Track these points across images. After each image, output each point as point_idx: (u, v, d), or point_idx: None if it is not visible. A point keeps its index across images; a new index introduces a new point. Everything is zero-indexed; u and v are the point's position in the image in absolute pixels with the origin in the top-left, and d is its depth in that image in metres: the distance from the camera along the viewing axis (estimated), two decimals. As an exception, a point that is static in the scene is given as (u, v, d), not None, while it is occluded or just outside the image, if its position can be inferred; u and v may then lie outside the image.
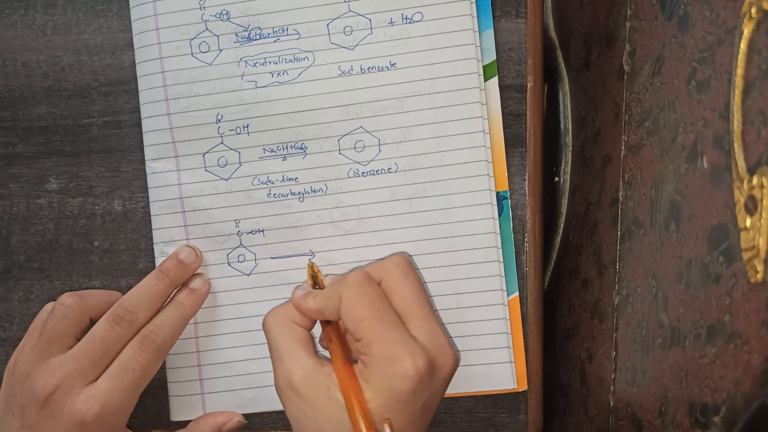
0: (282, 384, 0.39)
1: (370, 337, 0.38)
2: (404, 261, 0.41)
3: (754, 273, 0.26)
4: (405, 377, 0.37)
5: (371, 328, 0.38)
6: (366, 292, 0.39)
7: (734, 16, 0.29)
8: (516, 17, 0.46)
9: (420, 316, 0.39)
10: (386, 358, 0.37)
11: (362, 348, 0.38)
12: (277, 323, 0.41)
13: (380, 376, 0.38)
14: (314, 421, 0.38)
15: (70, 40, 0.47)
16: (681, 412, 0.33)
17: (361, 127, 0.45)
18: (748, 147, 0.27)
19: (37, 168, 0.47)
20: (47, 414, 0.40)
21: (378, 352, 0.38)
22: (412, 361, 0.37)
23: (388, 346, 0.38)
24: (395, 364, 0.37)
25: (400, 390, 0.37)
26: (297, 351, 0.40)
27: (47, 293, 0.47)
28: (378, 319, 0.38)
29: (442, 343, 0.39)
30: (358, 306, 0.39)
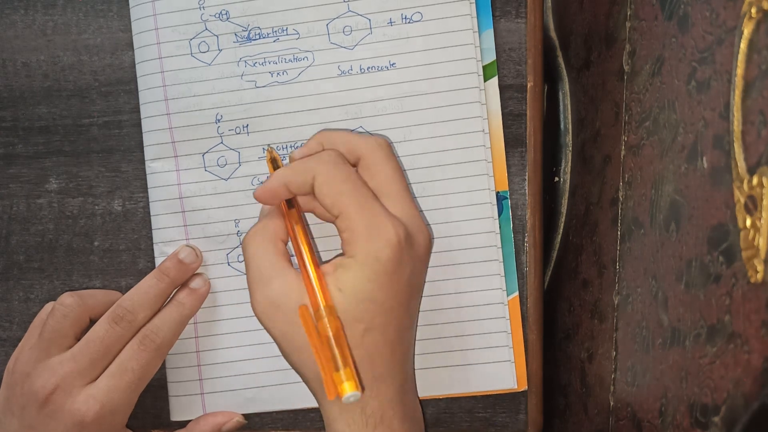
0: (262, 303, 0.38)
1: (351, 210, 0.38)
2: (384, 143, 0.41)
3: (754, 273, 0.26)
4: (389, 245, 0.37)
5: (351, 201, 0.38)
6: (342, 168, 0.39)
7: (734, 16, 0.29)
8: (516, 17, 0.46)
9: (397, 195, 0.40)
10: (369, 226, 0.37)
11: (342, 223, 0.38)
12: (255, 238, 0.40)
13: (364, 247, 0.37)
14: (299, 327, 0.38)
15: (70, 40, 0.47)
16: (681, 412, 0.33)
17: (360, 126, 0.45)
18: (748, 147, 0.27)
19: (37, 168, 0.47)
20: (47, 414, 0.40)
21: (360, 223, 0.38)
22: (393, 228, 0.38)
23: (369, 216, 0.38)
24: (379, 234, 0.37)
25: (385, 258, 0.37)
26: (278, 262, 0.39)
27: (47, 293, 0.47)
28: (357, 192, 0.38)
29: (418, 220, 0.40)
30: (337, 180, 0.38)
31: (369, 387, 0.38)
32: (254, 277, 0.39)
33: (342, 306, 0.37)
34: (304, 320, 0.37)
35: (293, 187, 0.39)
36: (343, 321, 0.37)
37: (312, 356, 0.38)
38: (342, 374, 0.36)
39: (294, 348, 0.38)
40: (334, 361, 0.36)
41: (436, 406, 0.46)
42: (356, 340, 0.37)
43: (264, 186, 0.40)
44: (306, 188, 0.39)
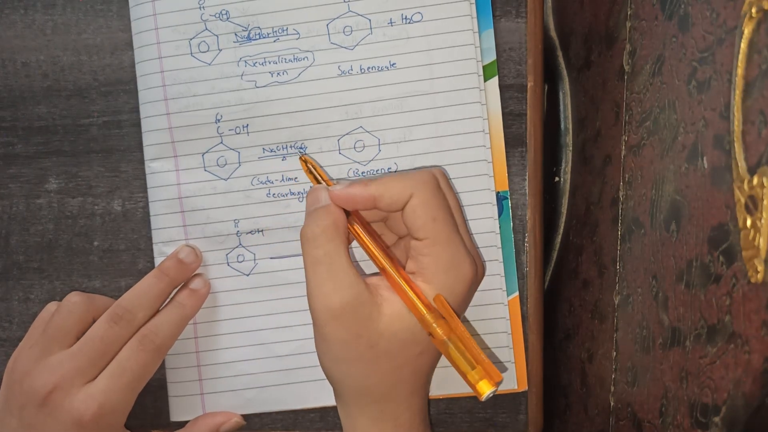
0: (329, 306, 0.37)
1: (439, 239, 0.38)
2: (444, 173, 0.42)
3: (755, 273, 0.26)
4: (465, 281, 0.38)
5: (442, 230, 0.38)
6: (440, 194, 0.39)
7: (734, 15, 0.29)
8: (516, 17, 0.46)
9: (463, 228, 0.40)
10: (452, 261, 0.38)
11: (424, 248, 0.38)
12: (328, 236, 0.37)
13: (442, 278, 0.38)
14: (366, 338, 0.37)
15: (70, 40, 0.47)
16: (681, 412, 0.33)
17: (360, 126, 0.45)
18: (748, 147, 0.27)
19: (36, 168, 0.47)
20: (46, 413, 0.40)
21: (444, 255, 0.38)
22: (471, 266, 0.38)
23: (455, 250, 0.38)
24: (459, 268, 0.38)
25: (459, 293, 0.38)
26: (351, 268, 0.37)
27: (47, 293, 0.47)
28: (449, 223, 0.38)
29: (477, 252, 0.41)
30: (434, 205, 0.38)
31: (405, 400, 0.39)
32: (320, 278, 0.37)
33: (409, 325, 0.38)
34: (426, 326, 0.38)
35: (382, 203, 0.38)
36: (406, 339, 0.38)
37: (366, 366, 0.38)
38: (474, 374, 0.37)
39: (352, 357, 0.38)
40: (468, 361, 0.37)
41: (436, 406, 0.46)
42: (410, 358, 0.38)
43: (347, 191, 0.39)
44: (397, 206, 0.38)
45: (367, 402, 0.39)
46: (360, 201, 0.38)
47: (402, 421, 0.39)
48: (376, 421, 0.39)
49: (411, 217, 0.38)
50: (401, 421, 0.39)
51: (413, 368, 0.39)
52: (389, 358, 0.38)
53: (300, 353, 0.45)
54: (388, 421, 0.39)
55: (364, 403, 0.39)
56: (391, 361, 0.38)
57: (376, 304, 0.38)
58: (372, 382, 0.39)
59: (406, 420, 0.39)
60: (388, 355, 0.38)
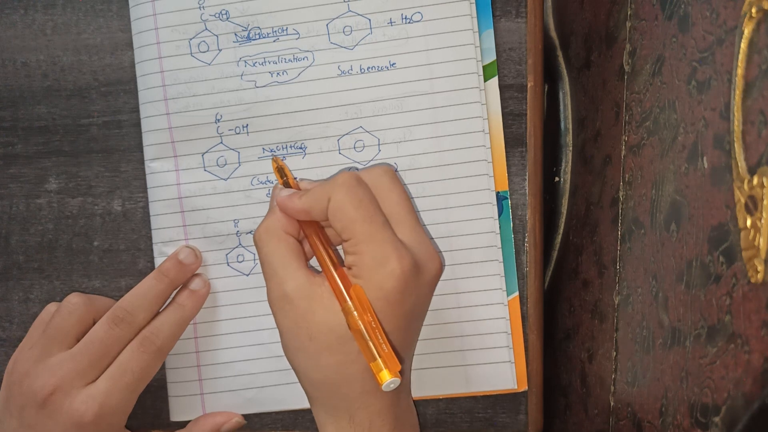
0: (275, 296, 0.40)
1: (360, 237, 0.38)
2: (390, 170, 0.41)
3: (755, 273, 0.26)
4: (393, 276, 0.38)
5: (362, 229, 0.38)
6: (357, 192, 0.39)
7: (734, 15, 0.29)
8: (516, 17, 0.46)
9: (406, 222, 0.40)
10: (376, 257, 0.38)
11: (350, 248, 0.39)
12: (269, 236, 0.40)
13: (369, 275, 0.38)
14: (305, 330, 0.39)
15: (70, 40, 0.47)
16: (681, 412, 0.33)
17: (360, 127, 0.45)
18: (748, 147, 0.27)
19: (36, 168, 0.47)
20: (46, 414, 0.40)
21: (368, 252, 0.38)
22: (399, 261, 0.38)
23: (377, 246, 0.38)
24: (384, 264, 0.38)
25: (388, 289, 0.38)
26: (291, 262, 0.39)
27: (47, 293, 0.47)
28: (369, 220, 0.39)
29: (428, 247, 0.40)
30: (350, 206, 0.39)
31: (358, 399, 0.39)
32: (268, 274, 0.40)
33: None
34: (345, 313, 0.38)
35: (313, 215, 0.40)
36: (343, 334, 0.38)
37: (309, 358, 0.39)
38: (379, 363, 0.37)
39: (295, 347, 0.39)
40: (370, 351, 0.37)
41: (436, 407, 0.46)
42: (353, 355, 0.38)
43: (284, 203, 0.40)
44: (324, 215, 0.40)
45: (321, 396, 0.40)
46: (296, 213, 0.40)
47: (358, 420, 0.39)
48: (331, 416, 0.40)
49: (332, 220, 0.39)
50: (357, 420, 0.39)
51: (360, 367, 0.38)
52: (331, 353, 0.38)
53: (300, 353, 0.45)
54: (343, 418, 0.39)
55: (318, 396, 0.40)
56: (333, 356, 0.38)
57: (315, 297, 0.39)
58: (318, 376, 0.39)
59: (363, 419, 0.39)
60: (330, 350, 0.38)
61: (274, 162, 0.43)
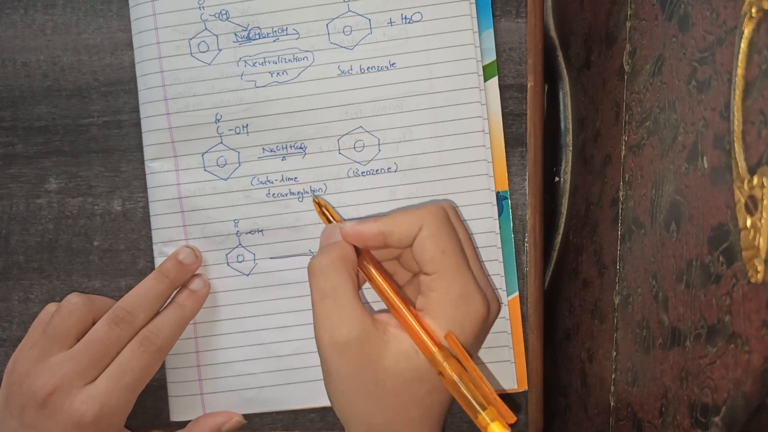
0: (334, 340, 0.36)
1: (447, 273, 0.36)
2: (455, 208, 0.40)
3: (755, 273, 0.26)
4: (477, 318, 0.36)
5: (451, 264, 0.36)
6: (449, 226, 0.38)
7: (734, 15, 0.29)
8: (516, 17, 0.46)
9: (474, 263, 0.39)
10: (461, 296, 0.36)
11: (433, 283, 0.37)
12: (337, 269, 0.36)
13: (452, 314, 0.36)
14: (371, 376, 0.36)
15: (70, 40, 0.47)
16: (681, 412, 0.33)
17: (360, 126, 0.45)
18: (748, 147, 0.27)
19: (36, 168, 0.47)
20: (46, 414, 0.40)
21: (454, 289, 0.36)
22: (483, 301, 0.37)
23: (464, 285, 0.36)
24: (469, 304, 0.36)
25: (469, 330, 0.36)
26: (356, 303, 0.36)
27: (47, 293, 0.47)
28: (458, 256, 0.37)
29: (491, 288, 0.40)
30: (443, 238, 0.37)
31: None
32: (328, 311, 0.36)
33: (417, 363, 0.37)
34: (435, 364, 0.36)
35: (392, 239, 0.37)
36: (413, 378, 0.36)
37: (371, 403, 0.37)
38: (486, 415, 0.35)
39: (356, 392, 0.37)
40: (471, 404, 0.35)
41: (436, 407, 0.46)
42: (417, 398, 0.37)
43: (356, 228, 0.38)
44: (404, 243, 0.37)
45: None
46: (369, 237, 0.38)
47: None
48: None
49: (419, 250, 0.37)
50: None
51: (422, 409, 0.37)
52: (395, 396, 0.36)
53: (300, 353, 0.45)
54: None
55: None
56: (396, 398, 0.36)
57: (384, 341, 0.36)
58: (378, 420, 0.37)
59: None
60: (394, 393, 0.36)
61: (316, 204, 0.42)
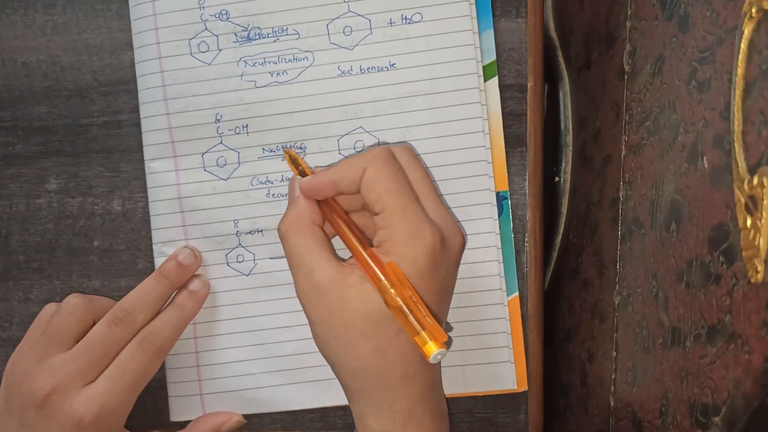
0: (305, 289, 0.39)
1: (393, 210, 0.38)
2: (410, 148, 0.41)
3: (755, 273, 0.26)
4: (425, 250, 0.37)
5: (396, 201, 0.38)
6: (393, 165, 0.39)
7: (735, 15, 0.29)
8: (516, 17, 0.46)
9: (431, 198, 0.40)
10: (409, 231, 0.38)
11: (382, 221, 0.38)
12: (295, 227, 0.39)
13: (402, 249, 0.38)
14: (340, 318, 0.38)
15: (70, 40, 0.47)
16: (681, 412, 0.33)
17: (360, 127, 0.45)
18: (748, 147, 0.27)
19: (36, 168, 0.47)
20: (45, 415, 0.40)
21: (400, 225, 0.38)
22: (431, 234, 0.38)
23: (410, 220, 0.38)
24: (417, 238, 0.37)
25: (421, 263, 0.37)
26: (319, 254, 0.39)
27: (47, 293, 0.47)
28: (403, 193, 0.38)
29: (451, 221, 0.40)
30: (387, 177, 0.38)
31: (398, 385, 0.38)
32: (296, 266, 0.39)
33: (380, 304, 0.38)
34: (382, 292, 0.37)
35: (342, 186, 0.39)
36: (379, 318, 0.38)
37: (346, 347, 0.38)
38: (424, 336, 0.37)
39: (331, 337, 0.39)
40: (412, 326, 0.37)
41: (436, 407, 0.46)
42: (391, 339, 0.38)
43: (310, 181, 0.40)
44: (354, 187, 0.39)
45: (359, 386, 0.39)
46: (323, 188, 0.39)
47: (398, 408, 0.39)
48: (371, 406, 0.39)
49: (366, 191, 0.38)
50: (397, 408, 0.39)
51: (399, 350, 0.38)
52: (368, 339, 0.38)
53: (300, 353, 0.45)
54: (383, 407, 0.39)
55: (356, 387, 0.39)
56: (370, 341, 0.38)
57: (349, 283, 0.38)
58: (357, 364, 0.38)
59: (403, 407, 0.39)
60: (366, 336, 0.38)
61: (287, 154, 0.42)
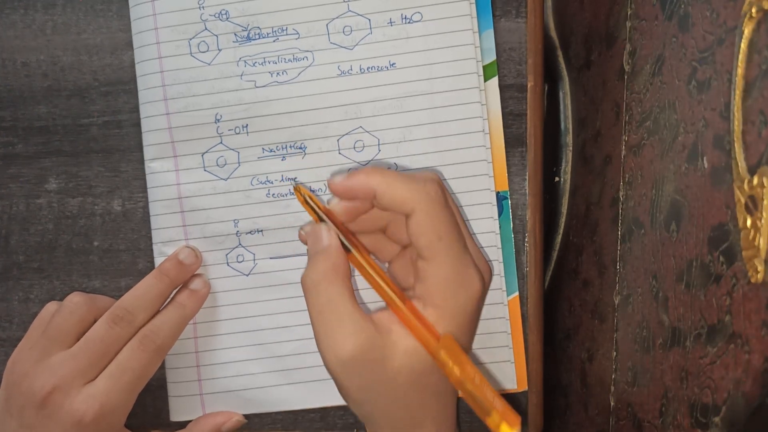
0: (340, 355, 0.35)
1: (445, 258, 0.36)
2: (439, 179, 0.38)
3: (755, 273, 0.26)
4: (475, 297, 0.36)
5: (449, 249, 0.36)
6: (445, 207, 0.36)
7: (735, 15, 0.29)
8: (516, 17, 0.46)
9: (467, 237, 0.39)
10: (458, 281, 0.36)
11: (430, 268, 0.36)
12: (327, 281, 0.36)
13: (453, 299, 0.36)
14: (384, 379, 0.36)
15: (70, 40, 0.47)
16: (681, 412, 0.33)
17: (360, 126, 0.45)
18: (748, 147, 0.27)
19: (36, 168, 0.47)
20: (46, 414, 0.40)
21: (451, 275, 0.36)
22: (480, 281, 0.37)
23: (460, 270, 0.36)
24: (467, 288, 0.36)
25: (471, 310, 0.36)
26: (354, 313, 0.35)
27: (47, 293, 0.47)
28: (455, 240, 0.36)
29: (484, 259, 0.40)
30: (439, 221, 0.36)
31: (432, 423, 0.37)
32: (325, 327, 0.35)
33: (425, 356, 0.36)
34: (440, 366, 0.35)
35: (383, 200, 0.36)
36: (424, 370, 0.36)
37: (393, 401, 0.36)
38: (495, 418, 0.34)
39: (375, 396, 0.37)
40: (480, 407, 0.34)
41: (436, 407, 0.46)
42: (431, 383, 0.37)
43: (346, 182, 0.36)
44: (396, 209, 0.36)
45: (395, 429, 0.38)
46: (360, 192, 0.36)
47: None
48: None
49: (416, 233, 0.36)
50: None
51: (434, 390, 0.37)
52: (411, 389, 0.36)
53: (300, 353, 0.45)
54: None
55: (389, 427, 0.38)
56: (412, 391, 0.36)
57: (388, 344, 0.36)
58: (398, 415, 0.37)
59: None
60: (409, 387, 0.36)
61: (298, 192, 0.39)
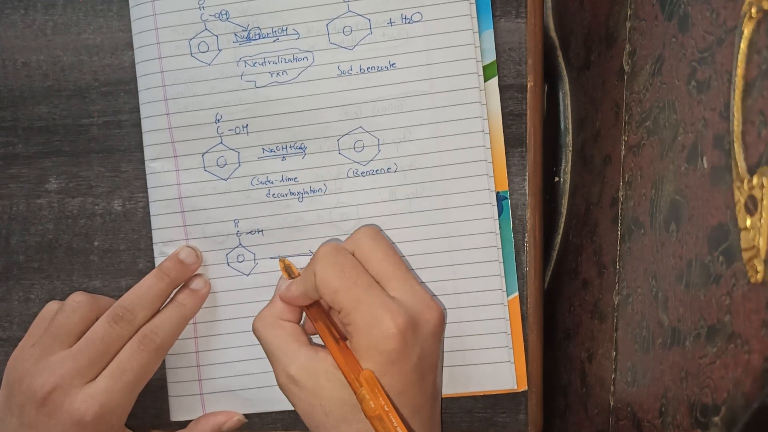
0: (283, 381, 0.40)
1: (348, 306, 0.39)
2: (371, 229, 0.42)
3: (754, 273, 0.26)
4: (389, 336, 0.38)
5: (347, 297, 0.39)
6: (336, 261, 0.39)
7: (734, 16, 0.29)
8: (516, 17, 0.46)
9: (396, 277, 0.40)
10: (367, 321, 0.38)
11: (344, 318, 0.39)
12: (264, 326, 0.41)
13: (366, 341, 0.38)
14: (320, 407, 0.39)
15: (70, 40, 0.47)
16: (681, 412, 0.33)
17: (360, 127, 0.45)
18: (748, 147, 0.27)
19: (36, 168, 0.47)
20: (46, 413, 0.40)
21: (359, 318, 0.38)
22: (392, 319, 0.38)
23: (366, 310, 0.38)
24: (377, 326, 0.38)
25: (388, 350, 0.38)
26: (289, 346, 0.40)
27: (47, 293, 0.47)
28: (353, 286, 0.39)
29: (423, 297, 0.40)
30: (331, 277, 0.39)
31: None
32: (271, 361, 0.41)
33: None
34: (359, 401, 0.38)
35: (311, 295, 0.41)
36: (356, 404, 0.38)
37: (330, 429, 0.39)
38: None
39: (315, 425, 0.40)
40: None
41: (436, 407, 0.46)
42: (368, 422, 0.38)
43: (286, 296, 0.42)
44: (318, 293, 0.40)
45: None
46: (296, 301, 0.42)
47: None
48: None
49: (322, 295, 0.40)
50: None
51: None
52: (348, 424, 0.39)
53: (300, 353, 0.45)
54: None
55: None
56: (351, 426, 0.39)
57: (320, 373, 0.39)
58: None
59: None
60: (346, 421, 0.39)
61: (281, 263, 0.44)
